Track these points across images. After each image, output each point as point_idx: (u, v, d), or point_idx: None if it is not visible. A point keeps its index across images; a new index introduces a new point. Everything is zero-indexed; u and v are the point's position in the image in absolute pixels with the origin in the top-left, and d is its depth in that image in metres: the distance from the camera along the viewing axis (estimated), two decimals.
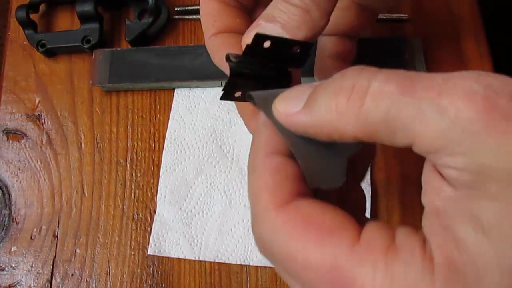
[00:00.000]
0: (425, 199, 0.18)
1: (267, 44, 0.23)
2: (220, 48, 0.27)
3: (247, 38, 0.25)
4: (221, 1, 0.29)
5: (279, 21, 0.24)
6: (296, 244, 0.18)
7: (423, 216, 0.18)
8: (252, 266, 0.41)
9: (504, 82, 0.16)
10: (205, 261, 0.41)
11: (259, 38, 0.23)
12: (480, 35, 0.46)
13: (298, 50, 0.24)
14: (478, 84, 0.16)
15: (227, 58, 0.24)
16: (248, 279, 0.41)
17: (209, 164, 0.44)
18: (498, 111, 0.16)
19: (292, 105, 0.20)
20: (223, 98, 0.25)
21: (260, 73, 0.25)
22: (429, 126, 0.16)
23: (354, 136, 0.18)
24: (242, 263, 0.41)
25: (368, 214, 0.41)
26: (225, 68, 0.25)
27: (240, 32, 0.27)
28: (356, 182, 0.26)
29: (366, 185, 0.41)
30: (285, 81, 0.26)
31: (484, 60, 0.45)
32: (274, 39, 0.23)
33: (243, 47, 0.24)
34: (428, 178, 0.18)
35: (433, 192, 0.18)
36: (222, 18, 0.28)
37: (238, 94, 0.25)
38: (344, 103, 0.18)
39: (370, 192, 0.41)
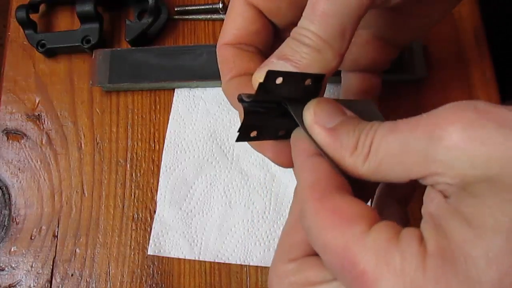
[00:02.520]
0: (423, 208, 0.21)
1: (279, 80, 0.23)
2: (235, 92, 0.27)
3: (258, 75, 0.25)
4: (237, 47, 0.29)
5: (291, 59, 0.24)
6: (322, 230, 0.21)
7: (422, 221, 0.21)
8: (252, 266, 0.41)
9: (468, 101, 0.19)
10: (205, 261, 0.41)
11: (271, 75, 0.23)
12: (480, 35, 0.46)
13: (310, 83, 0.25)
14: (444, 108, 0.19)
15: (240, 99, 0.24)
16: (248, 279, 0.41)
17: (209, 164, 0.44)
18: (462, 122, 0.19)
19: (324, 118, 0.24)
20: (239, 139, 0.25)
21: (275, 110, 0.25)
22: (414, 156, 0.20)
23: (355, 176, 0.22)
24: (242, 263, 0.41)
25: None
26: (241, 110, 0.26)
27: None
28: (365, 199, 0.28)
29: None
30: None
31: (484, 60, 0.45)
32: (286, 74, 0.23)
33: (254, 84, 0.25)
34: (428, 194, 0.21)
35: (429, 201, 0.21)
36: (237, 63, 0.29)
37: (253, 134, 0.25)
38: (359, 149, 0.22)
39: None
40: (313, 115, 0.24)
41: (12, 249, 0.43)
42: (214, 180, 0.43)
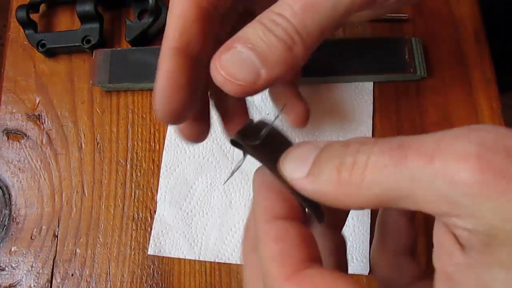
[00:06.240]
0: (436, 261, 0.18)
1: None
2: (177, 77, 0.24)
3: (217, 66, 0.22)
4: (202, 7, 0.24)
5: (257, 50, 0.22)
6: None
7: (435, 277, 0.18)
8: None
9: (497, 135, 0.16)
10: (205, 261, 0.41)
11: (239, 143, 0.22)
12: (480, 35, 0.46)
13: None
14: (470, 143, 0.16)
15: (236, 142, 0.22)
16: None
17: (209, 164, 0.44)
18: (493, 170, 0.15)
19: (298, 169, 0.20)
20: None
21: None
22: (428, 193, 0.17)
23: (359, 207, 0.19)
24: (243, 263, 0.41)
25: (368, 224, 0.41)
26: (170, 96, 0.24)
27: (198, 55, 0.25)
28: (337, 230, 0.26)
29: None
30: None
31: (484, 60, 0.45)
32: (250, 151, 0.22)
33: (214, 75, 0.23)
34: (440, 238, 0.18)
35: (445, 255, 0.18)
36: (191, 30, 0.24)
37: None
38: (346, 179, 0.18)
39: None
40: (286, 175, 0.21)
41: (13, 249, 0.43)
42: (214, 180, 0.43)
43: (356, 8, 0.22)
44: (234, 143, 0.23)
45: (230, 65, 0.22)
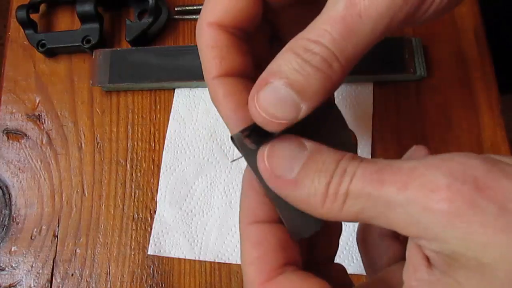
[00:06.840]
0: (404, 273, 0.20)
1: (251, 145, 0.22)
2: (231, 102, 0.24)
3: (254, 103, 0.21)
4: (230, 31, 0.24)
5: (295, 85, 0.20)
6: None
7: None
8: None
9: (467, 167, 0.17)
10: (205, 261, 0.41)
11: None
12: (480, 35, 0.46)
13: None
14: (440, 174, 0.17)
15: (234, 141, 0.22)
16: None
17: (209, 164, 0.44)
18: (461, 201, 0.17)
19: (282, 168, 0.20)
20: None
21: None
22: (401, 217, 0.18)
23: (337, 220, 0.20)
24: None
25: None
26: (234, 121, 0.24)
27: (245, 74, 0.24)
28: (329, 259, 0.27)
29: None
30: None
31: (484, 60, 0.45)
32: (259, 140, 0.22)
33: (253, 116, 0.21)
34: (411, 253, 0.20)
35: (412, 269, 0.19)
36: (229, 55, 0.24)
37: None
38: (332, 197, 0.19)
39: None
40: (269, 169, 0.21)
41: (13, 249, 0.43)
42: (214, 180, 0.43)
43: (393, 28, 0.21)
44: (233, 140, 0.23)
45: (269, 104, 0.20)
